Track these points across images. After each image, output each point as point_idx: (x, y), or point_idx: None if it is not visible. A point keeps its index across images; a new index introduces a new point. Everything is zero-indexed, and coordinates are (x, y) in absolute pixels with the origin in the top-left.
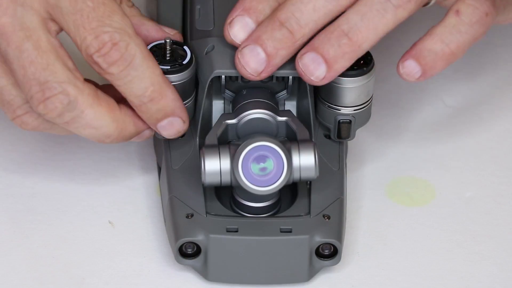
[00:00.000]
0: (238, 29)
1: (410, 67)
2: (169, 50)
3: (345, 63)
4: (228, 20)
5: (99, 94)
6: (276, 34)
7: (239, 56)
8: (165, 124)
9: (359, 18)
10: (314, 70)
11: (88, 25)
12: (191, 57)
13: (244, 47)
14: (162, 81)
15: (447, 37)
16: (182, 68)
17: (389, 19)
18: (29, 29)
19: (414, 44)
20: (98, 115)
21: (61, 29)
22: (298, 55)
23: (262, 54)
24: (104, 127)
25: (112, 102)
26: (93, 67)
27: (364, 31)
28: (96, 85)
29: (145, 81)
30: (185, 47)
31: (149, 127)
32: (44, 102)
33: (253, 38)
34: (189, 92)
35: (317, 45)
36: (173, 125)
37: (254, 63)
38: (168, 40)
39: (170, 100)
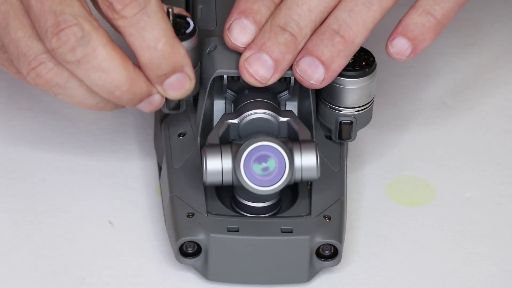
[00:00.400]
0: (238, 32)
1: (400, 45)
2: (172, 21)
3: (341, 61)
4: (227, 26)
5: (114, 41)
6: (280, 39)
7: (246, 65)
8: (173, 81)
9: (347, 14)
10: (313, 73)
11: None
12: (194, 27)
13: (250, 56)
14: (174, 36)
15: (432, 7)
16: (184, 37)
17: (376, 10)
18: None
19: (400, 21)
20: (109, 57)
21: None
22: (294, 62)
23: (270, 61)
24: (115, 72)
25: (126, 54)
26: (105, 13)
27: (354, 26)
28: None
29: (157, 30)
30: (188, 19)
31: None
32: (58, 34)
33: (257, 45)
34: (194, 62)
35: (311, 48)
36: (181, 83)
37: (263, 71)
38: (170, 10)
39: (181, 55)
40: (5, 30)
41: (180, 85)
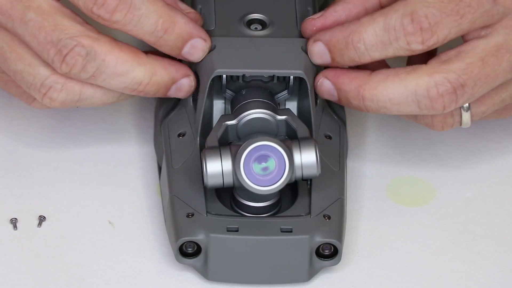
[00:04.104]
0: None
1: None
2: None
3: None
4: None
5: (118, 42)
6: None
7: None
8: (189, 49)
9: None
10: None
11: None
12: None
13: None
14: (169, 9)
15: None
16: None
17: None
18: (25, 0)
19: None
20: (121, 60)
21: None
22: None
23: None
24: (131, 72)
25: (135, 48)
26: (98, 21)
27: None
28: None
29: (153, 15)
30: None
31: (185, 75)
32: (64, 60)
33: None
34: None
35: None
36: (197, 47)
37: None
38: None
39: (183, 25)
40: (5, 64)
41: (196, 49)
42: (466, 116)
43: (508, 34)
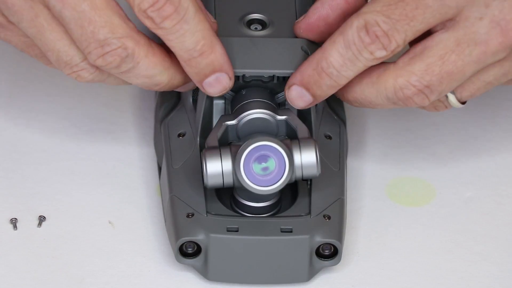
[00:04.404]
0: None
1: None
2: None
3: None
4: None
5: (153, 44)
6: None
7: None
8: (212, 81)
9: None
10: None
11: None
12: None
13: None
14: (212, 34)
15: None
16: None
17: None
18: None
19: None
20: (152, 65)
21: None
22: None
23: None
24: (157, 76)
25: (164, 51)
26: (144, 22)
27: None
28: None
29: (197, 34)
30: None
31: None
32: (103, 56)
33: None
34: None
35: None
36: (220, 82)
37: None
38: None
39: (219, 55)
40: (41, 41)
41: (219, 84)
42: (452, 100)
43: (468, 26)
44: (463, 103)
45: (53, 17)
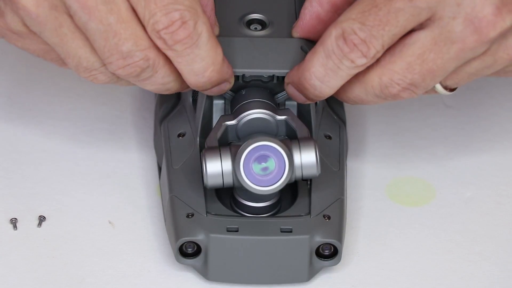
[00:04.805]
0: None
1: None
2: None
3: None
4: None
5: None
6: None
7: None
8: (214, 89)
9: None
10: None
11: (160, 1)
12: None
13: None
14: (222, 60)
15: None
16: None
17: None
18: (110, 2)
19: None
20: (168, 73)
21: None
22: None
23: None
24: (171, 82)
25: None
26: (155, 41)
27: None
28: None
29: (207, 60)
30: None
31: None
32: (123, 67)
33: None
34: None
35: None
36: (221, 89)
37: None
38: None
39: (225, 74)
40: (63, 49)
41: (220, 90)
42: (439, 89)
43: (443, 26)
44: (452, 90)
45: (76, 26)
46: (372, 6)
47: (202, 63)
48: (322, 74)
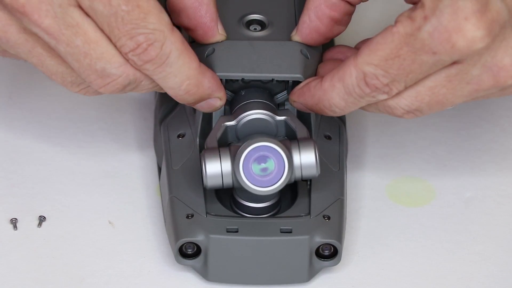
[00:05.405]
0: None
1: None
2: None
3: None
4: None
5: None
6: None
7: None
8: (203, 104)
9: None
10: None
11: (122, 27)
12: None
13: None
14: (198, 73)
15: None
16: None
17: None
18: (74, 25)
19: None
20: (152, 81)
21: None
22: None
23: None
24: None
25: None
26: (127, 60)
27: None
28: None
29: (180, 76)
30: None
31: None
32: (104, 86)
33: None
34: None
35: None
36: (210, 104)
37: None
38: None
39: (206, 89)
40: (43, 68)
41: (209, 107)
42: None
43: (461, 69)
44: None
45: (51, 49)
46: (396, 56)
47: (175, 79)
48: (343, 105)
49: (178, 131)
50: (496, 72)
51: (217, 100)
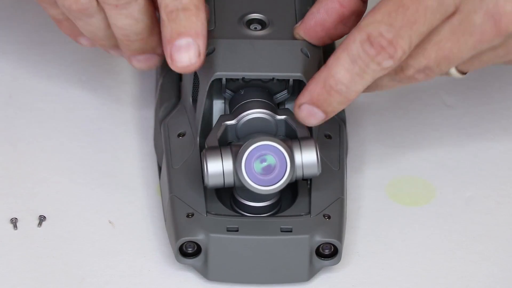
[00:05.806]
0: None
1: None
2: None
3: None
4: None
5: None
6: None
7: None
8: (183, 45)
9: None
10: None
11: None
12: None
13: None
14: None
15: None
16: None
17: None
18: None
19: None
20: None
21: None
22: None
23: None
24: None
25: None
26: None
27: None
28: None
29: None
30: None
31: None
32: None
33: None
34: None
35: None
36: (189, 49)
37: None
38: None
39: (200, 23)
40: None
41: (186, 52)
42: (453, 72)
43: (463, 18)
44: (464, 73)
45: None
46: (399, 6)
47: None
48: (348, 80)
49: (178, 130)
50: (498, 19)
51: (196, 48)
